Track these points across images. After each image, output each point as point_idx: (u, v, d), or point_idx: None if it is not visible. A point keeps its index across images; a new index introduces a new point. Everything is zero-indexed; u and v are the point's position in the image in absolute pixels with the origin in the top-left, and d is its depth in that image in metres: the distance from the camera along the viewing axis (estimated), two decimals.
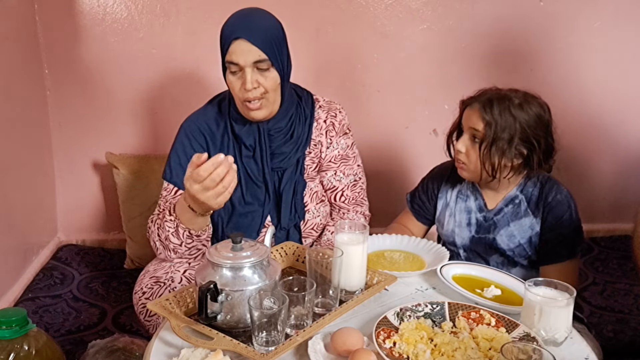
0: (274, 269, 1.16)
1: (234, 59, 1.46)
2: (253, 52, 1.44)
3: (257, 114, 1.52)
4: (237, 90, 1.50)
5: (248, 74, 1.46)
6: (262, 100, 1.50)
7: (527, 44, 2.49)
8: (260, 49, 1.44)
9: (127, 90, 2.45)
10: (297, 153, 1.62)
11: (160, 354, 1.08)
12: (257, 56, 1.45)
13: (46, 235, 2.51)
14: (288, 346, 1.03)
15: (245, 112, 1.53)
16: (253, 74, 1.46)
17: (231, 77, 1.50)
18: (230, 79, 1.50)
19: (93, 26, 2.36)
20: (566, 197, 1.51)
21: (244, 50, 1.45)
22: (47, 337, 1.23)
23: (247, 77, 1.46)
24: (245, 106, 1.51)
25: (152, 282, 1.55)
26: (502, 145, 1.44)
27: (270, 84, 1.49)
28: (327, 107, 1.68)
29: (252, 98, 1.48)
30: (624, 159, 2.68)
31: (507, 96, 1.46)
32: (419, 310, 1.19)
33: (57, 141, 2.49)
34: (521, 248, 1.53)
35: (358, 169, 1.73)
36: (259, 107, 1.51)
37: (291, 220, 1.63)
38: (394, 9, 2.43)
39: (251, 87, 1.46)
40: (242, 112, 1.55)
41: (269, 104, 1.52)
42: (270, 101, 1.52)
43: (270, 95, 1.51)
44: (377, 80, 2.51)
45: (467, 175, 1.53)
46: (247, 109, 1.52)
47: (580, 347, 1.12)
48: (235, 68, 1.48)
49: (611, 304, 2.16)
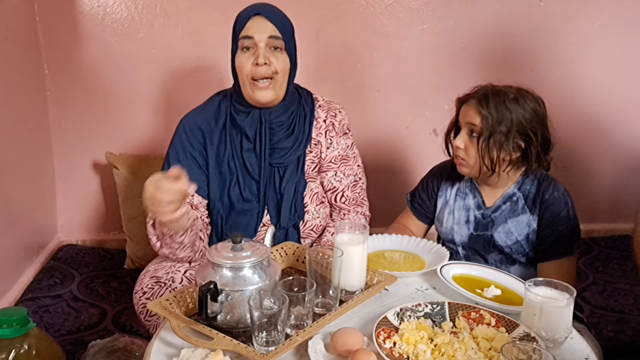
0: (274, 269, 1.16)
1: (250, 33, 1.49)
2: (269, 28, 1.49)
3: (264, 94, 1.52)
4: (246, 68, 1.51)
5: (261, 48, 1.49)
6: (271, 81, 1.52)
7: (527, 44, 2.50)
8: (277, 27, 1.49)
9: (127, 90, 2.45)
10: (297, 150, 1.62)
11: (160, 354, 1.08)
12: (273, 32, 1.49)
13: (46, 235, 2.51)
14: (288, 346, 1.03)
15: (251, 93, 1.53)
16: (266, 51, 1.49)
17: (242, 56, 1.52)
18: (240, 57, 1.52)
19: (93, 26, 2.36)
20: (563, 195, 1.52)
21: (261, 25, 1.49)
22: (48, 336, 1.23)
23: (259, 52, 1.49)
24: (253, 85, 1.52)
25: (153, 282, 1.55)
26: (500, 139, 1.45)
27: (280, 65, 1.51)
28: (326, 107, 1.68)
29: (261, 74, 1.50)
30: (624, 159, 2.68)
31: (502, 91, 1.48)
32: (419, 310, 1.19)
33: (57, 141, 2.49)
34: (519, 245, 1.54)
35: (358, 169, 1.73)
36: (267, 86, 1.52)
37: (290, 220, 1.63)
38: (394, 9, 2.44)
39: (262, 62, 1.48)
40: (248, 95, 1.54)
41: (276, 86, 1.53)
42: (278, 84, 1.53)
43: (279, 77, 1.52)
44: (377, 80, 2.52)
45: (466, 171, 1.54)
46: (253, 88, 1.52)
47: (580, 347, 1.12)
48: (249, 43, 1.50)
49: (611, 304, 2.16)
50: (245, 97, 1.56)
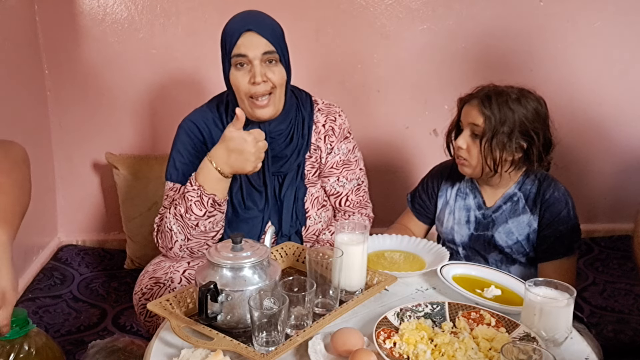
0: (274, 269, 1.16)
1: (242, 51, 1.44)
2: (262, 44, 1.44)
3: (263, 112, 1.49)
4: (244, 86, 1.47)
5: (257, 66, 1.44)
6: (270, 97, 1.48)
7: (527, 44, 2.50)
8: (270, 41, 1.45)
9: (127, 91, 2.45)
10: (297, 157, 1.60)
11: (161, 354, 1.08)
12: (267, 47, 1.44)
13: (46, 236, 2.51)
14: (288, 346, 1.02)
15: (251, 111, 1.50)
16: (261, 67, 1.45)
17: (236, 73, 1.47)
18: (236, 74, 1.47)
19: (93, 26, 2.36)
20: (563, 195, 1.52)
21: (254, 42, 1.44)
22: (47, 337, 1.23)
23: (256, 70, 1.44)
24: (252, 104, 1.49)
25: (152, 283, 1.55)
26: (503, 139, 1.45)
27: (278, 78, 1.48)
28: (326, 111, 1.65)
29: (260, 93, 1.46)
30: (624, 159, 2.68)
31: (505, 91, 1.48)
32: (419, 310, 1.19)
33: (57, 141, 2.49)
34: (519, 245, 1.54)
35: (360, 172, 1.71)
36: (266, 104, 1.48)
37: (292, 227, 1.62)
38: (394, 9, 2.44)
39: (260, 80, 1.44)
40: (248, 112, 1.50)
41: (275, 102, 1.50)
42: (277, 98, 1.50)
43: (277, 92, 1.49)
44: (377, 81, 2.52)
45: (468, 172, 1.53)
46: (253, 107, 1.49)
47: (580, 347, 1.12)
48: (242, 60, 1.45)
49: (611, 304, 2.16)
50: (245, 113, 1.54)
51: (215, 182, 1.42)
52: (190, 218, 1.45)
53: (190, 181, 1.45)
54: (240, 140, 1.37)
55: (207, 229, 1.48)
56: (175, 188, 1.56)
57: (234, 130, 1.39)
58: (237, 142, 1.37)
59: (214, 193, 1.42)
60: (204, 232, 1.48)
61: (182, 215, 1.46)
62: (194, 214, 1.44)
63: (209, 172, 1.41)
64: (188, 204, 1.44)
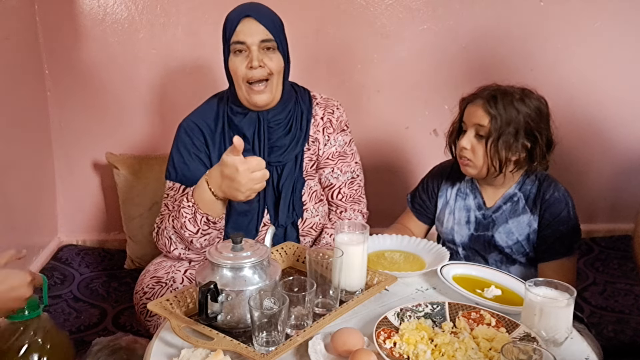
0: (274, 269, 1.16)
1: (241, 37, 1.48)
2: (260, 31, 1.48)
3: (260, 97, 1.52)
4: (241, 71, 1.50)
5: (254, 52, 1.48)
6: (267, 83, 1.51)
7: (527, 44, 2.50)
8: (268, 29, 1.48)
9: (127, 90, 2.45)
10: (295, 147, 1.61)
11: (161, 354, 1.08)
12: (265, 35, 1.48)
13: (46, 236, 2.51)
14: (288, 346, 1.02)
15: (248, 97, 1.53)
16: (259, 53, 1.48)
17: (235, 59, 1.51)
18: (234, 60, 1.51)
19: (93, 26, 2.36)
20: (563, 195, 1.52)
21: (252, 29, 1.48)
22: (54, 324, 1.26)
23: (253, 55, 1.48)
24: (249, 89, 1.52)
25: (153, 282, 1.55)
26: (509, 139, 1.44)
27: (275, 65, 1.51)
28: (324, 104, 1.68)
29: (257, 77, 1.49)
30: (624, 159, 2.68)
31: (509, 91, 1.48)
32: (419, 310, 1.19)
33: (57, 141, 2.49)
34: (519, 245, 1.54)
35: (356, 166, 1.72)
36: (263, 89, 1.51)
37: (289, 218, 1.62)
38: (394, 9, 2.44)
39: (257, 65, 1.48)
40: (244, 98, 1.54)
41: (272, 88, 1.53)
42: (273, 85, 1.53)
43: (274, 78, 1.52)
44: (377, 80, 2.52)
45: (473, 172, 1.53)
46: (250, 92, 1.52)
47: (580, 347, 1.12)
48: (241, 47, 1.49)
49: (611, 304, 2.16)
50: (242, 100, 1.55)
51: (210, 203, 1.40)
52: (184, 235, 1.46)
53: (187, 196, 1.45)
54: (233, 169, 1.31)
55: (202, 245, 1.48)
56: (175, 187, 1.57)
57: (230, 157, 1.33)
58: (230, 170, 1.32)
59: (208, 212, 1.42)
60: (201, 249, 1.49)
61: (178, 230, 1.47)
62: (187, 230, 1.44)
63: (204, 191, 1.40)
64: (182, 220, 1.44)
